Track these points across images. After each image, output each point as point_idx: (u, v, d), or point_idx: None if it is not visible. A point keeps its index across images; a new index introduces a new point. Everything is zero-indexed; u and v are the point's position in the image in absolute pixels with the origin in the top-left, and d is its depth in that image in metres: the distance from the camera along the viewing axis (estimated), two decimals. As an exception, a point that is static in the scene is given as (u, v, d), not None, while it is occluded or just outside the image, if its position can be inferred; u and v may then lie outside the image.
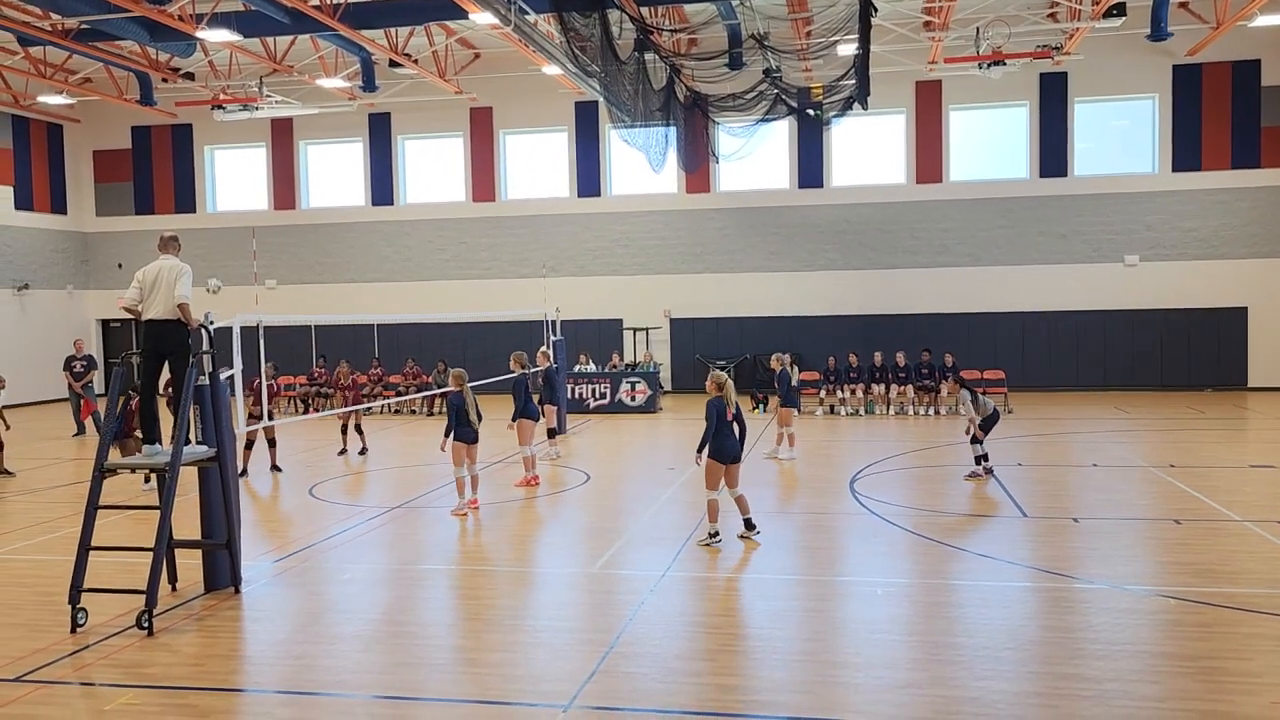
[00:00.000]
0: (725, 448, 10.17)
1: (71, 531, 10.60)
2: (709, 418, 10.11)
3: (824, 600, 8.48)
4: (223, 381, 9.04)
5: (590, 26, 14.45)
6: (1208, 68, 24.64)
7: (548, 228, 27.99)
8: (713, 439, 10.11)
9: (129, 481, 13.25)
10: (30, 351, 27.22)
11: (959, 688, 6.38)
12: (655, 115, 18.87)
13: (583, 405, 22.86)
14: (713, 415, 10.11)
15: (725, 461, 10.19)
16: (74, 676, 6.92)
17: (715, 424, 10.09)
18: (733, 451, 10.23)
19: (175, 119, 29.02)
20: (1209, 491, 12.34)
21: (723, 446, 10.16)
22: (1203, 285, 24.98)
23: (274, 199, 29.54)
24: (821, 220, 26.73)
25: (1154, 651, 7.02)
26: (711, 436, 10.10)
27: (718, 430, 10.10)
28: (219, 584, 8.84)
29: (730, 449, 10.20)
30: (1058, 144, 25.54)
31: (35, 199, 29.15)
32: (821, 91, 21.50)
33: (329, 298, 28.74)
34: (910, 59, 24.37)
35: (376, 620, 8.17)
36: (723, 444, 10.16)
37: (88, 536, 8.03)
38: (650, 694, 6.42)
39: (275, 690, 6.70)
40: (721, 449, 10.17)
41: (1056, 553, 9.70)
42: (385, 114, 28.43)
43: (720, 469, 10.19)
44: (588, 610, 8.36)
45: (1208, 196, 24.96)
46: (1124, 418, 20.31)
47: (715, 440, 10.12)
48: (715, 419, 10.11)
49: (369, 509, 12.48)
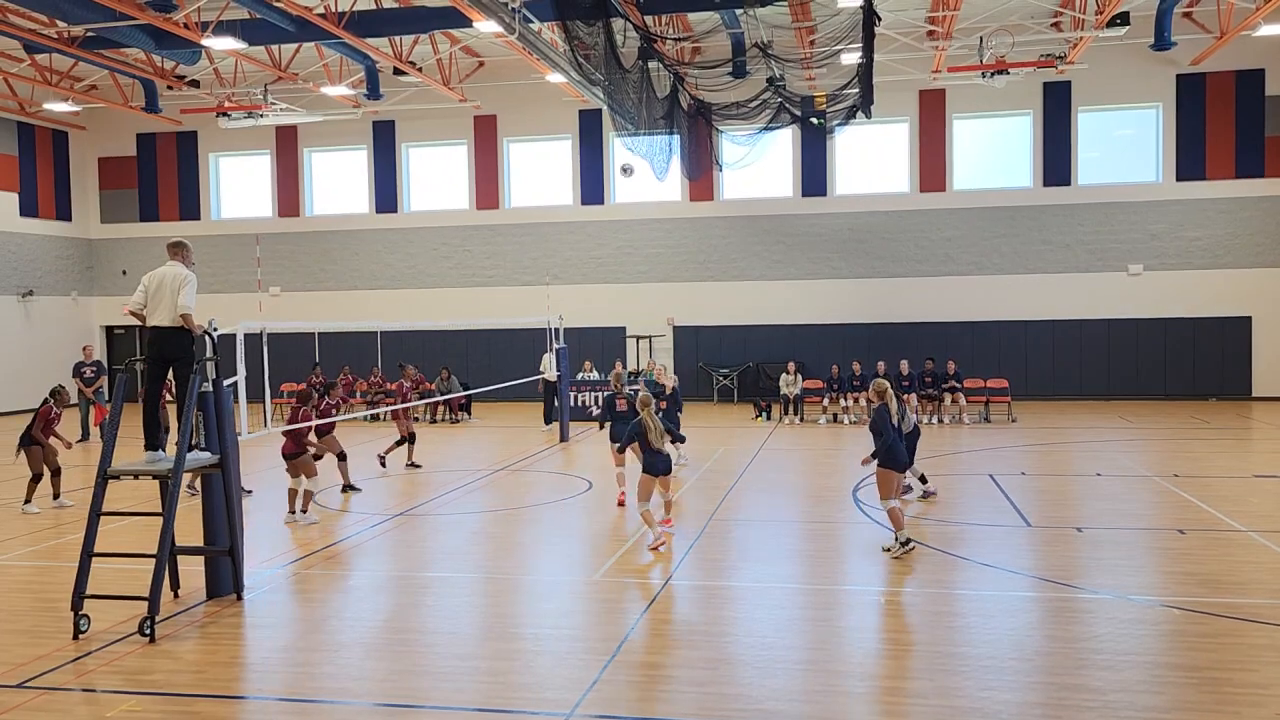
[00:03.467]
0: (897, 454, 10.05)
1: (74, 538, 10.61)
2: (883, 427, 9.96)
3: (827, 609, 8.45)
4: (225, 388, 9.05)
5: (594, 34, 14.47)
6: (1211, 77, 24.65)
7: (551, 235, 28.02)
8: (884, 446, 9.98)
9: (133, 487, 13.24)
10: (35, 358, 27.26)
11: (962, 698, 6.35)
12: (659, 123, 18.90)
13: (585, 413, 22.84)
14: (887, 425, 9.99)
15: (898, 468, 10.05)
16: (76, 683, 6.91)
17: (889, 432, 9.98)
18: (903, 457, 10.18)
19: (180, 126, 29.10)
20: (1213, 501, 12.30)
21: (895, 453, 10.02)
22: (1207, 295, 24.95)
23: (278, 206, 29.60)
24: (825, 229, 26.74)
25: (1158, 662, 6.99)
26: (884, 444, 9.98)
27: (889, 437, 9.97)
28: (221, 591, 8.83)
29: (902, 456, 10.13)
30: (1061, 153, 25.55)
31: (40, 206, 29.23)
32: (825, 100, 21.52)
33: (333, 305, 28.77)
34: (914, 68, 24.41)
35: (379, 627, 8.16)
36: (894, 450, 10.02)
37: (91, 542, 8.02)
38: (652, 702, 6.40)
39: (277, 697, 6.69)
40: (894, 456, 10.01)
41: (1060, 562, 9.68)
42: (389, 122, 28.50)
43: (895, 476, 10.01)
44: (590, 618, 8.35)
45: (1212, 206, 24.95)
46: (1128, 427, 20.27)
47: (886, 447, 9.97)
48: (887, 426, 9.99)
49: (372, 516, 12.47)
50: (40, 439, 13.34)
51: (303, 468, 12.06)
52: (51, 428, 13.54)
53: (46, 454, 13.37)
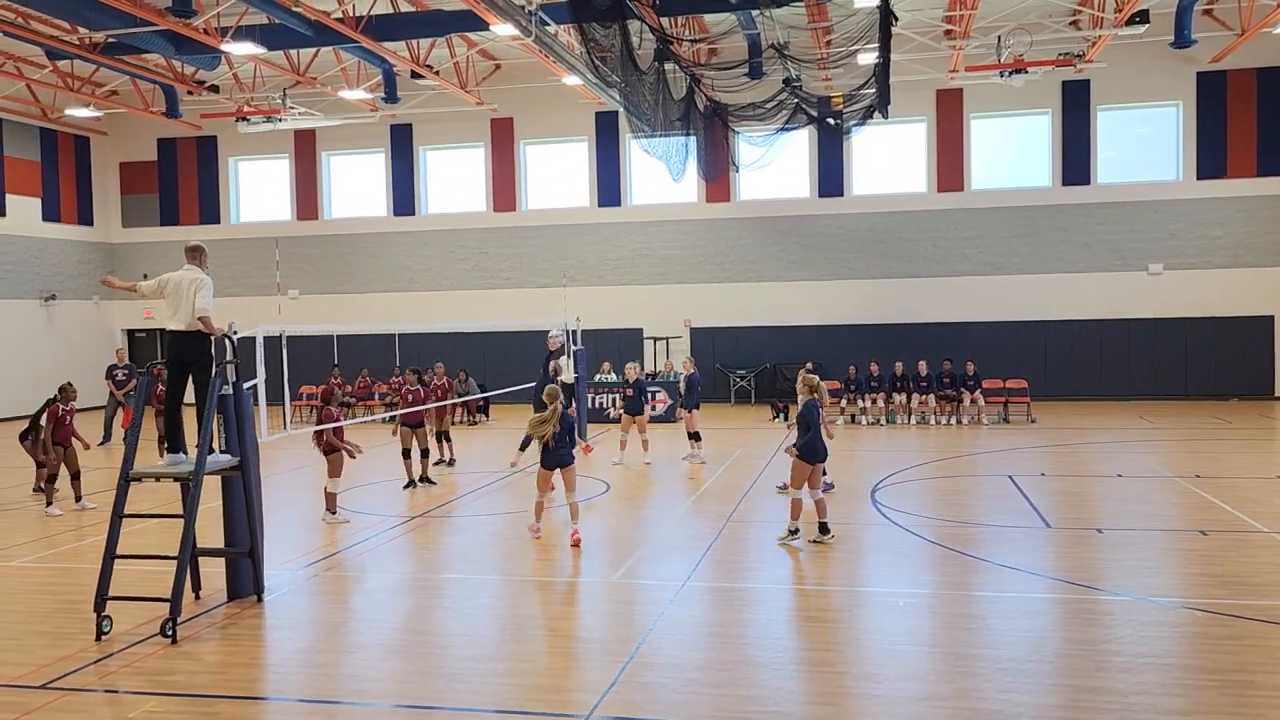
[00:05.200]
0: (817, 448, 10.43)
1: (95, 540, 10.71)
2: (811, 420, 10.36)
3: (845, 611, 8.43)
4: (245, 391, 9.12)
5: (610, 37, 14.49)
6: (1232, 75, 24.44)
7: (568, 237, 28.07)
8: (806, 440, 10.37)
9: (153, 490, 13.36)
10: (57, 361, 27.48)
11: (981, 700, 6.32)
12: (675, 125, 18.90)
13: (603, 415, 22.86)
14: (815, 418, 10.38)
15: (814, 461, 10.47)
16: (98, 684, 6.97)
17: (816, 425, 10.36)
18: (823, 452, 10.53)
19: (200, 131, 29.32)
20: (1236, 502, 12.19)
21: (815, 447, 10.40)
22: (1228, 293, 24.74)
23: (297, 209, 29.78)
24: (842, 229, 26.68)
25: (1180, 665, 6.94)
26: (808, 438, 10.35)
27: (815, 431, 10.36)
28: (242, 592, 8.90)
29: (821, 449, 10.49)
30: (1080, 152, 25.40)
31: (63, 210, 29.51)
32: (842, 100, 21.47)
33: (350, 308, 28.91)
34: (931, 67, 24.32)
35: (397, 629, 8.20)
36: (814, 444, 10.39)
37: (113, 544, 8.10)
38: (670, 704, 6.40)
39: (297, 699, 6.73)
40: (814, 449, 10.41)
41: (1080, 564, 9.62)
42: (407, 125, 28.62)
43: (808, 469, 10.45)
44: (608, 620, 8.36)
45: (1233, 204, 24.74)
46: (1148, 427, 20.12)
47: (808, 441, 10.36)
48: (816, 420, 10.37)
49: (390, 518, 12.52)
50: (63, 440, 13.42)
51: (330, 467, 12.11)
52: (68, 428, 13.59)
53: (68, 456, 13.46)
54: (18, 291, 27.96)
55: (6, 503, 14.31)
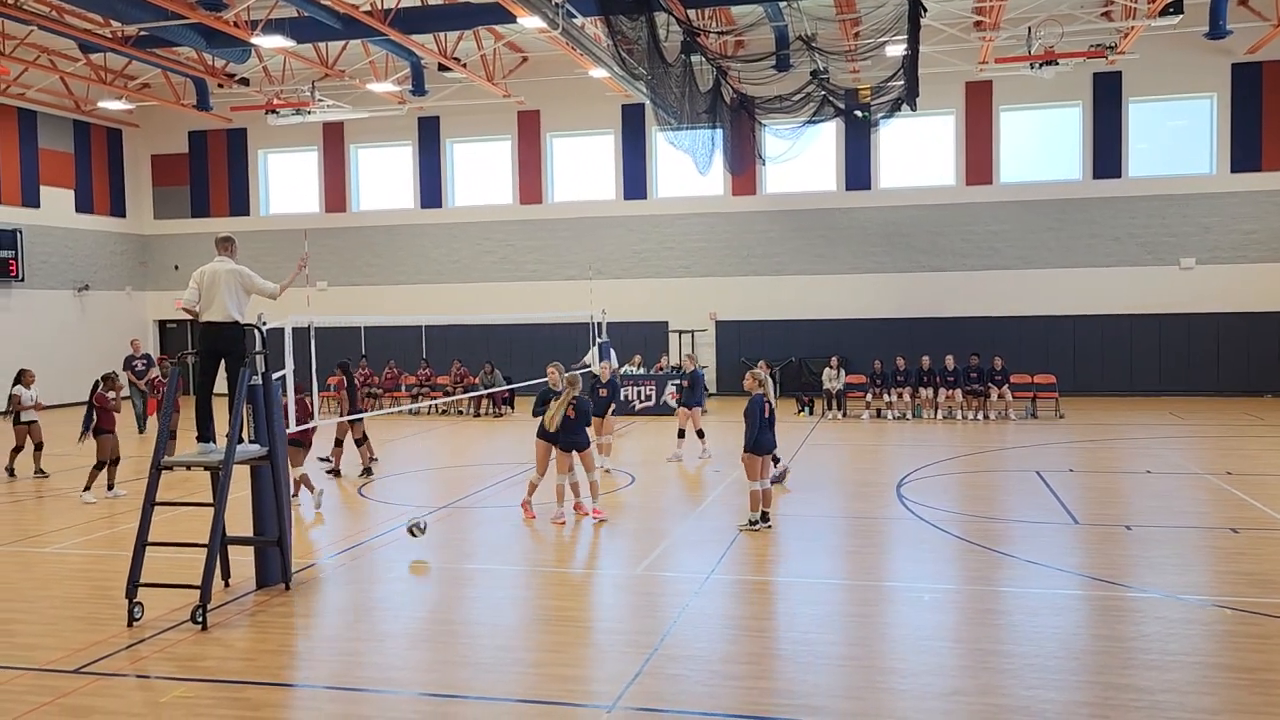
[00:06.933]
0: (762, 441, 10.79)
1: (127, 527, 10.87)
2: (751, 415, 10.68)
3: (870, 605, 8.41)
4: (274, 382, 9.21)
5: (637, 29, 14.48)
6: (1269, 66, 24.06)
7: (594, 230, 28.09)
8: (752, 435, 10.71)
9: (185, 478, 13.53)
10: (90, 351, 27.83)
11: (1007, 696, 6.30)
12: (702, 117, 18.85)
13: (629, 407, 22.88)
14: (756, 413, 10.69)
15: (762, 454, 10.84)
16: (130, 669, 7.08)
17: (759, 420, 10.66)
18: (769, 445, 10.93)
19: (230, 124, 29.58)
20: (1268, 500, 12.04)
21: (760, 440, 10.76)
22: (1263, 288, 24.37)
23: (325, 202, 29.99)
24: (869, 222, 26.53)
25: (1209, 663, 6.88)
26: (753, 432, 10.69)
27: (757, 425, 10.68)
28: (270, 580, 9.00)
29: (766, 442, 10.87)
30: (1111, 145, 25.10)
31: (95, 202, 29.88)
32: (869, 93, 21.34)
33: (378, 299, 29.09)
34: (960, 59, 24.10)
35: (423, 618, 8.26)
36: (760, 438, 10.74)
37: (145, 532, 8.21)
38: (694, 696, 6.42)
39: (325, 685, 6.80)
40: (760, 442, 10.77)
41: (1108, 560, 9.55)
42: (434, 117, 28.73)
43: (758, 461, 10.79)
44: (632, 612, 8.38)
45: (1268, 198, 24.37)
46: (1179, 423, 19.90)
47: (753, 435, 10.71)
48: (759, 416, 10.69)
49: (417, 509, 12.60)
50: (107, 427, 13.75)
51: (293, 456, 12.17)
52: (112, 416, 13.94)
53: (110, 443, 13.77)
54: (52, 282, 28.36)
55: (44, 490, 14.54)
